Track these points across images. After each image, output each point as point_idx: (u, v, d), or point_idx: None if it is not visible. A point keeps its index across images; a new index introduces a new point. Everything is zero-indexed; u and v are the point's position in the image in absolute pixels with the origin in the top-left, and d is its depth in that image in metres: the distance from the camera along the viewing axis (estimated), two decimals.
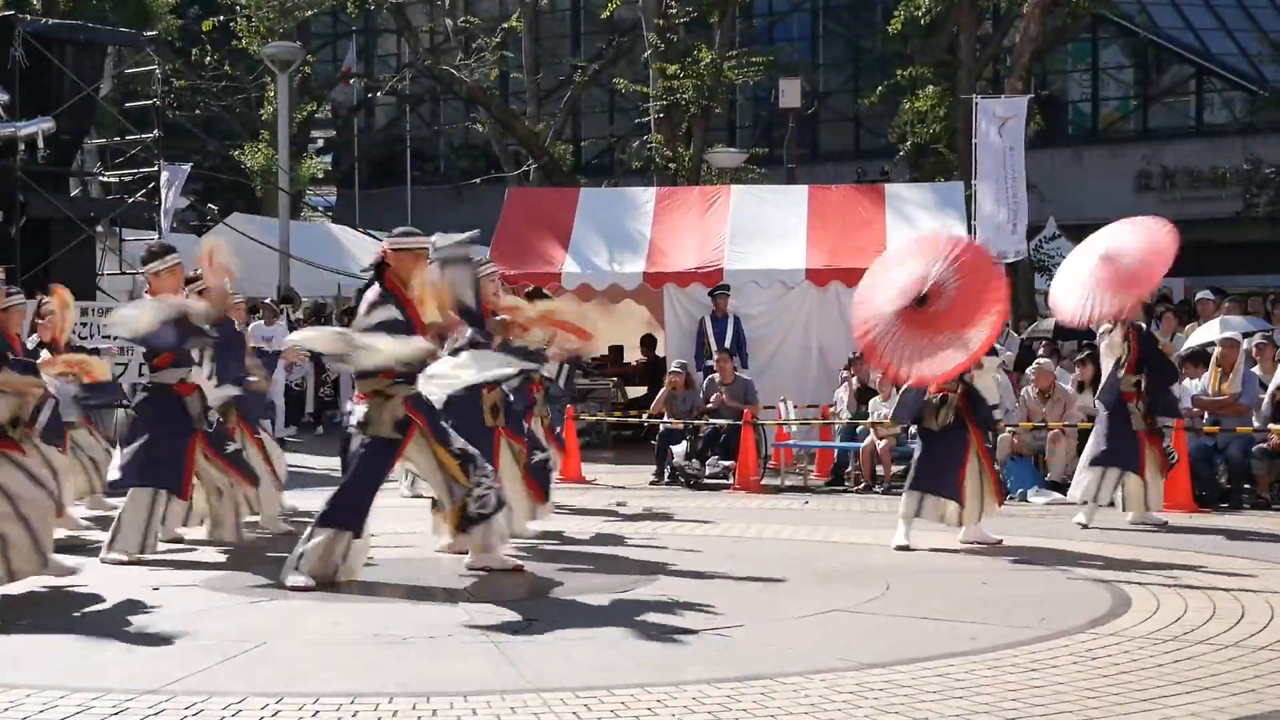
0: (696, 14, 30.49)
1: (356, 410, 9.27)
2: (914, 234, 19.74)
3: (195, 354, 10.77)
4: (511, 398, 11.46)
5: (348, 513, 9.12)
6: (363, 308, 9.35)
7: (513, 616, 7.94)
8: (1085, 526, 12.49)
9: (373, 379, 9.21)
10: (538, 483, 11.47)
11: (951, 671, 6.63)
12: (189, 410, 10.57)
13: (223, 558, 10.47)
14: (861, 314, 10.97)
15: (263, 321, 20.75)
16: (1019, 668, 6.72)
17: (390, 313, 9.15)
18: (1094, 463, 12.73)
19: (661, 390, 18.01)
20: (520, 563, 9.71)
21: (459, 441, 9.40)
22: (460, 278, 9.88)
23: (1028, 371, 16.60)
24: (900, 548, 11.01)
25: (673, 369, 17.95)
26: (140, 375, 12.41)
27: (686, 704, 6.01)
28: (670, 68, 28.98)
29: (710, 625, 7.71)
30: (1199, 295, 20.80)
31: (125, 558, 10.13)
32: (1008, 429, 15.49)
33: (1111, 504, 12.77)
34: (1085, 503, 12.75)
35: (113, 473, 10.75)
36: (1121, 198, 37.51)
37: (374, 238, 27.61)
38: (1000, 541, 11.19)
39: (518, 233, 20.58)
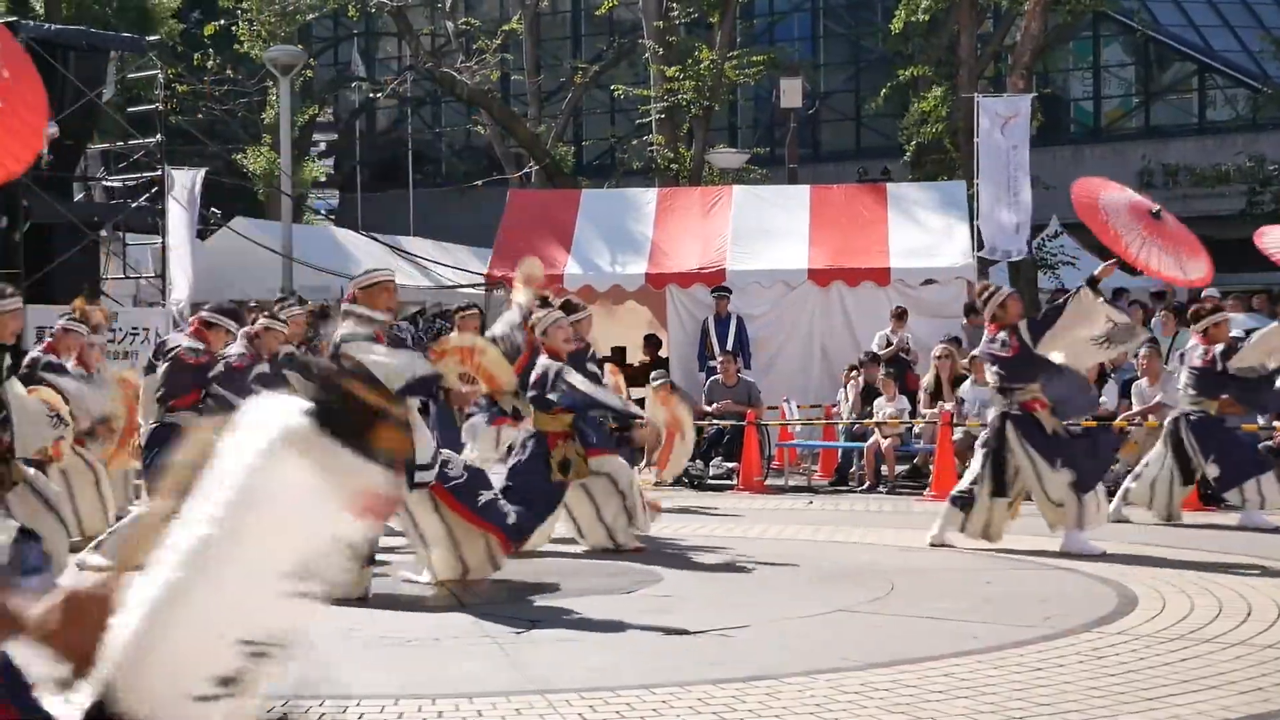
0: (696, 15, 30.48)
1: None
2: (917, 233, 19.80)
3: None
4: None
5: None
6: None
7: (516, 619, 7.93)
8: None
9: None
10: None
11: (956, 671, 6.62)
12: None
13: None
14: (1098, 200, 11.36)
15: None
16: (1024, 667, 6.71)
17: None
18: None
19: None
20: None
21: None
22: None
23: None
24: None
25: (654, 384, 17.57)
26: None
27: (691, 704, 6.00)
28: (670, 70, 28.97)
29: (714, 626, 7.71)
30: (1205, 293, 20.77)
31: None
32: None
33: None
34: None
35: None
36: None
37: (376, 240, 27.59)
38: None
39: (519, 235, 20.55)
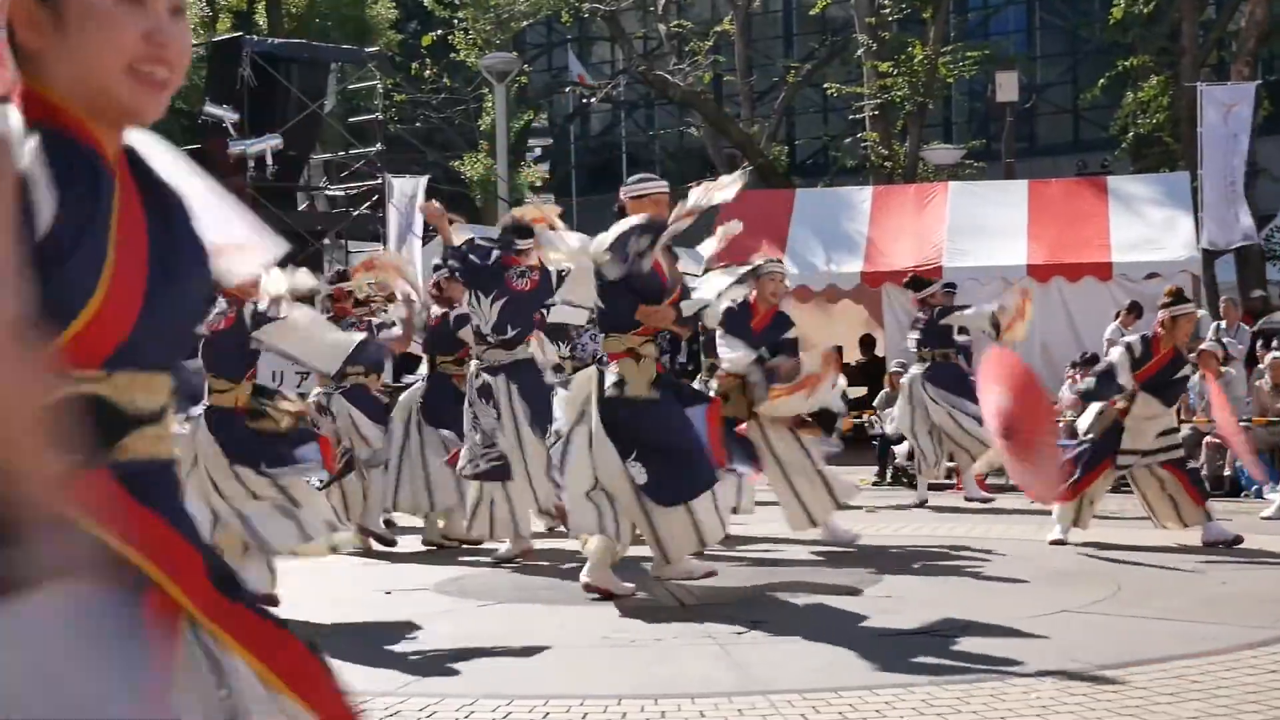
0: (909, 10, 30.23)
1: (609, 371, 8.65)
2: (1139, 226, 19.37)
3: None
4: None
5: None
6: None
7: (737, 618, 7.95)
8: None
9: (621, 336, 8.68)
10: None
11: (1187, 673, 6.47)
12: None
13: (450, 561, 10.70)
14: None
15: None
16: (1258, 669, 6.54)
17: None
18: None
19: (882, 391, 17.89)
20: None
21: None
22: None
23: (1262, 365, 16.10)
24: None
25: (893, 369, 17.81)
26: None
27: (915, 705, 5.96)
28: (883, 65, 28.78)
29: (937, 626, 7.64)
30: None
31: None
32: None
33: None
34: None
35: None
36: None
37: None
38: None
39: (734, 235, 20.57)
